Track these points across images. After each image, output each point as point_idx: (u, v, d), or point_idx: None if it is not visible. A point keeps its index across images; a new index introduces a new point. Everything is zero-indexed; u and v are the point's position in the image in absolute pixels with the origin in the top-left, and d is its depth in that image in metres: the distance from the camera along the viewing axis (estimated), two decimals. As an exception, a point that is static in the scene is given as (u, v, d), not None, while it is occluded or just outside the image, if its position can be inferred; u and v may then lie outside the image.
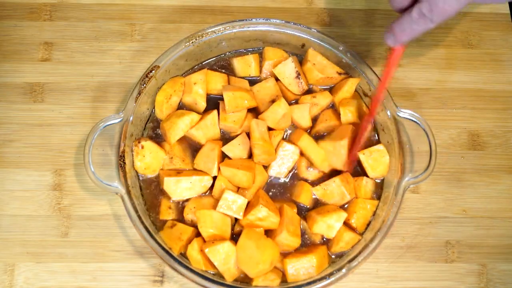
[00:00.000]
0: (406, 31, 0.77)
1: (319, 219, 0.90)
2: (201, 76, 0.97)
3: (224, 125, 0.96)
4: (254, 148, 0.92)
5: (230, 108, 0.93)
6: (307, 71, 0.99)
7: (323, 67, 0.99)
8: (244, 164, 0.92)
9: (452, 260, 0.98)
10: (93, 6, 1.10)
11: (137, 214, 0.88)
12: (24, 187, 0.99)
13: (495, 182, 1.03)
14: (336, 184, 0.93)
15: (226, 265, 0.87)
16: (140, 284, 0.95)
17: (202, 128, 0.95)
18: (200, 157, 0.94)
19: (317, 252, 0.89)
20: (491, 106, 1.07)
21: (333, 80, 1.00)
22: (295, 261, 0.88)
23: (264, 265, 0.85)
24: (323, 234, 0.91)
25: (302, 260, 0.88)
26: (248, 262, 0.86)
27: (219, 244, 0.87)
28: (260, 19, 0.98)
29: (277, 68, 0.98)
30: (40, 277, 0.95)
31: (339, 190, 0.93)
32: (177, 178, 0.91)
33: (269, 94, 0.98)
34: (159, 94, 0.96)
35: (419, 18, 0.74)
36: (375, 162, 0.95)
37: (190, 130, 0.95)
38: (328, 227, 0.90)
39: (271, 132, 0.95)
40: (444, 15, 0.73)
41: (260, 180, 0.94)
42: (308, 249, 0.91)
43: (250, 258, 0.85)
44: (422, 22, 0.75)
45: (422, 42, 1.10)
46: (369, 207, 0.94)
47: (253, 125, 0.93)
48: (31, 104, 1.04)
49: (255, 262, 0.85)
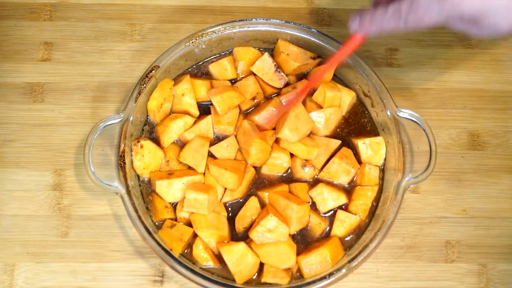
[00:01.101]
0: (374, 23, 0.73)
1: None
2: (186, 85, 0.97)
3: (219, 128, 0.96)
4: (250, 148, 0.92)
5: (222, 111, 0.94)
6: (282, 63, 1.00)
7: (296, 55, 0.99)
8: (232, 166, 0.92)
9: (452, 260, 0.98)
10: (93, 6, 1.10)
11: (137, 214, 0.88)
12: (24, 187, 0.99)
13: (495, 182, 1.03)
14: (337, 163, 0.94)
15: (239, 266, 0.88)
16: (140, 284, 0.95)
17: (196, 132, 0.96)
18: (187, 151, 0.94)
19: (329, 244, 0.90)
20: (491, 106, 1.07)
21: (308, 66, 1.01)
22: (309, 257, 0.89)
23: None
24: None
25: (315, 255, 0.89)
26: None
27: (234, 244, 0.88)
28: (260, 19, 0.98)
29: (255, 65, 0.99)
30: (40, 277, 0.95)
31: (341, 168, 0.94)
32: (169, 181, 0.91)
33: (249, 91, 0.99)
34: (150, 102, 0.95)
35: (394, 14, 0.70)
36: (373, 152, 0.96)
37: (183, 133, 0.95)
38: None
39: (265, 132, 0.95)
40: (419, 22, 0.69)
41: (248, 177, 0.95)
42: (319, 243, 0.92)
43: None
44: (395, 20, 0.71)
45: (422, 42, 1.10)
46: (370, 194, 0.94)
47: (246, 125, 0.93)
48: (31, 104, 1.04)
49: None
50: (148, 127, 0.99)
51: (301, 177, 0.96)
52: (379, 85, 0.96)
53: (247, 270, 0.88)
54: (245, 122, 0.94)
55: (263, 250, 0.89)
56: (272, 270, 0.89)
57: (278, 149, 0.95)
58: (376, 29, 0.73)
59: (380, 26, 0.73)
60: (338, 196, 0.94)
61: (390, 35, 0.73)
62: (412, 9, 0.69)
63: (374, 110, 1.00)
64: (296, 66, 0.99)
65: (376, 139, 0.97)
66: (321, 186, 0.94)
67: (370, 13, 0.73)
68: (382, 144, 0.97)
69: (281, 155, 0.95)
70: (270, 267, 0.89)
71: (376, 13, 0.73)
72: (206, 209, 0.89)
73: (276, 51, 1.01)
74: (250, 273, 0.89)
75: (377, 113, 0.99)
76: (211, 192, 0.90)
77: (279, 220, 0.87)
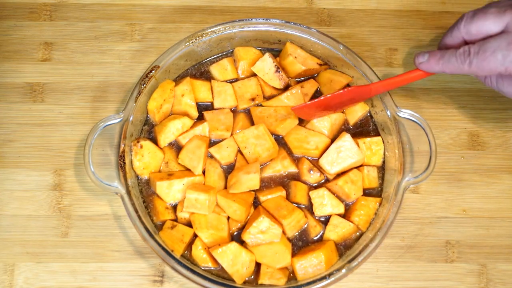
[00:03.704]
0: (442, 61, 0.80)
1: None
2: (186, 86, 0.97)
3: (216, 134, 0.96)
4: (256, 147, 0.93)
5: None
6: (288, 65, 1.00)
7: (304, 59, 1.00)
8: (241, 197, 0.92)
9: (452, 260, 0.98)
10: (93, 6, 1.10)
11: (137, 214, 0.88)
12: (24, 187, 0.99)
13: (495, 182, 1.03)
14: (339, 186, 0.94)
15: (235, 266, 0.87)
16: (140, 284, 0.95)
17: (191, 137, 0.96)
18: (185, 152, 0.94)
19: (324, 248, 0.89)
20: (491, 106, 1.07)
21: (313, 71, 1.01)
22: (303, 259, 0.89)
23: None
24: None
25: (309, 258, 0.89)
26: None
27: (225, 245, 0.88)
28: (260, 19, 0.98)
29: (255, 65, 0.99)
30: (40, 277, 0.95)
31: (342, 191, 0.94)
32: (169, 182, 0.91)
33: (249, 92, 0.99)
34: (150, 103, 0.96)
35: (462, 55, 0.77)
36: (372, 152, 0.96)
37: (179, 137, 0.95)
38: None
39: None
40: (482, 67, 0.76)
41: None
42: (315, 246, 0.92)
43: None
44: (461, 61, 0.78)
45: (422, 42, 1.10)
46: (372, 205, 0.94)
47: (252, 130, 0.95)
48: (31, 104, 1.04)
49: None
50: (147, 127, 0.99)
51: (305, 180, 0.96)
52: (379, 85, 0.96)
53: (244, 268, 0.88)
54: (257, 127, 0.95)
55: (258, 250, 0.89)
56: (269, 271, 0.89)
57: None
58: (441, 68, 0.81)
59: (446, 65, 0.80)
60: (337, 204, 0.94)
61: (452, 75, 0.80)
62: (480, 52, 0.76)
63: (374, 110, 1.00)
64: (302, 70, 0.99)
65: (375, 139, 0.96)
66: (324, 190, 0.94)
67: (439, 53, 0.81)
68: (381, 144, 0.97)
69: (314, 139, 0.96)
70: (267, 268, 0.89)
71: (446, 53, 0.80)
72: (207, 209, 0.89)
73: (283, 53, 1.01)
74: (248, 272, 0.89)
75: (377, 113, 0.99)
76: (212, 192, 0.90)
77: (271, 221, 0.87)
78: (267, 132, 0.95)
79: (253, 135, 0.95)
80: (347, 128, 1.00)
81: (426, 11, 1.12)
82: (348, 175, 0.94)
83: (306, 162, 0.96)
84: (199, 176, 0.93)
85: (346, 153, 0.94)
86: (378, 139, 0.97)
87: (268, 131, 0.95)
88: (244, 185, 0.91)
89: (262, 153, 0.94)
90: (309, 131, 0.97)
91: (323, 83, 1.01)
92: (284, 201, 0.93)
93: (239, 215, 0.90)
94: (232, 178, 0.93)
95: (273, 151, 0.95)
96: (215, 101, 0.99)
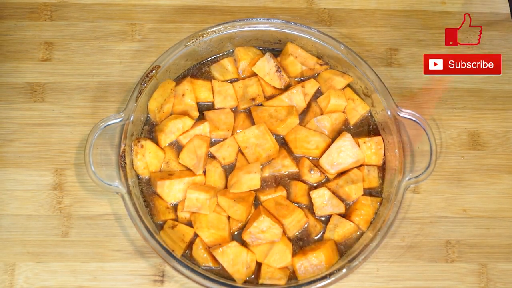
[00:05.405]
0: None
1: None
2: (187, 86, 0.97)
3: (216, 134, 0.96)
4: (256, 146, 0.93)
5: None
6: (289, 65, 1.00)
7: (304, 59, 1.00)
8: (242, 197, 0.92)
9: (452, 260, 0.98)
10: (94, 6, 1.10)
11: (137, 214, 0.88)
12: (25, 187, 0.99)
13: (495, 182, 1.03)
14: (339, 185, 0.94)
15: (236, 266, 0.88)
16: (140, 284, 0.95)
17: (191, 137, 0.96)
18: (186, 152, 0.94)
19: (325, 247, 0.89)
20: (491, 106, 1.07)
21: (313, 71, 1.01)
22: (304, 259, 0.89)
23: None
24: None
25: (310, 257, 0.89)
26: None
27: (226, 245, 0.88)
28: (261, 19, 0.99)
29: (256, 65, 0.99)
30: (40, 276, 0.95)
31: (342, 191, 0.94)
32: (170, 181, 0.91)
33: (250, 91, 0.99)
34: (151, 103, 0.96)
35: None
36: (372, 152, 0.96)
37: (180, 136, 0.95)
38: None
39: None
40: None
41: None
42: (315, 246, 0.92)
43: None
44: None
45: (422, 42, 1.10)
46: (372, 205, 0.94)
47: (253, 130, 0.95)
48: (32, 104, 1.04)
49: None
50: (148, 127, 0.99)
51: (306, 180, 0.96)
52: (380, 85, 0.96)
53: (244, 268, 0.88)
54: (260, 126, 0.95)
55: (259, 249, 0.89)
56: (270, 271, 0.89)
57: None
58: None
59: None
60: (337, 204, 0.93)
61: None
62: None
63: (374, 109, 1.00)
64: (303, 69, 0.99)
65: (375, 139, 0.97)
66: (324, 190, 0.94)
67: None
68: (381, 144, 0.97)
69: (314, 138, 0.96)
70: (267, 268, 0.89)
71: None
72: (208, 208, 0.89)
73: (284, 53, 1.01)
74: (248, 271, 0.89)
75: (378, 113, 0.99)
76: (212, 192, 0.91)
77: (271, 221, 0.87)
78: (267, 132, 0.95)
79: (253, 135, 0.95)
80: (348, 128, 1.00)
81: (426, 11, 1.13)
82: (348, 175, 0.94)
83: (307, 162, 0.96)
84: (200, 176, 0.93)
85: (347, 152, 0.94)
86: (378, 139, 0.97)
87: (269, 131, 0.95)
88: (244, 185, 0.91)
89: (262, 153, 0.94)
90: (309, 131, 0.97)
91: (323, 83, 1.01)
92: (285, 201, 0.93)
93: (240, 214, 0.90)
94: (232, 178, 0.93)
95: (274, 151, 0.95)
96: (216, 101, 0.99)
